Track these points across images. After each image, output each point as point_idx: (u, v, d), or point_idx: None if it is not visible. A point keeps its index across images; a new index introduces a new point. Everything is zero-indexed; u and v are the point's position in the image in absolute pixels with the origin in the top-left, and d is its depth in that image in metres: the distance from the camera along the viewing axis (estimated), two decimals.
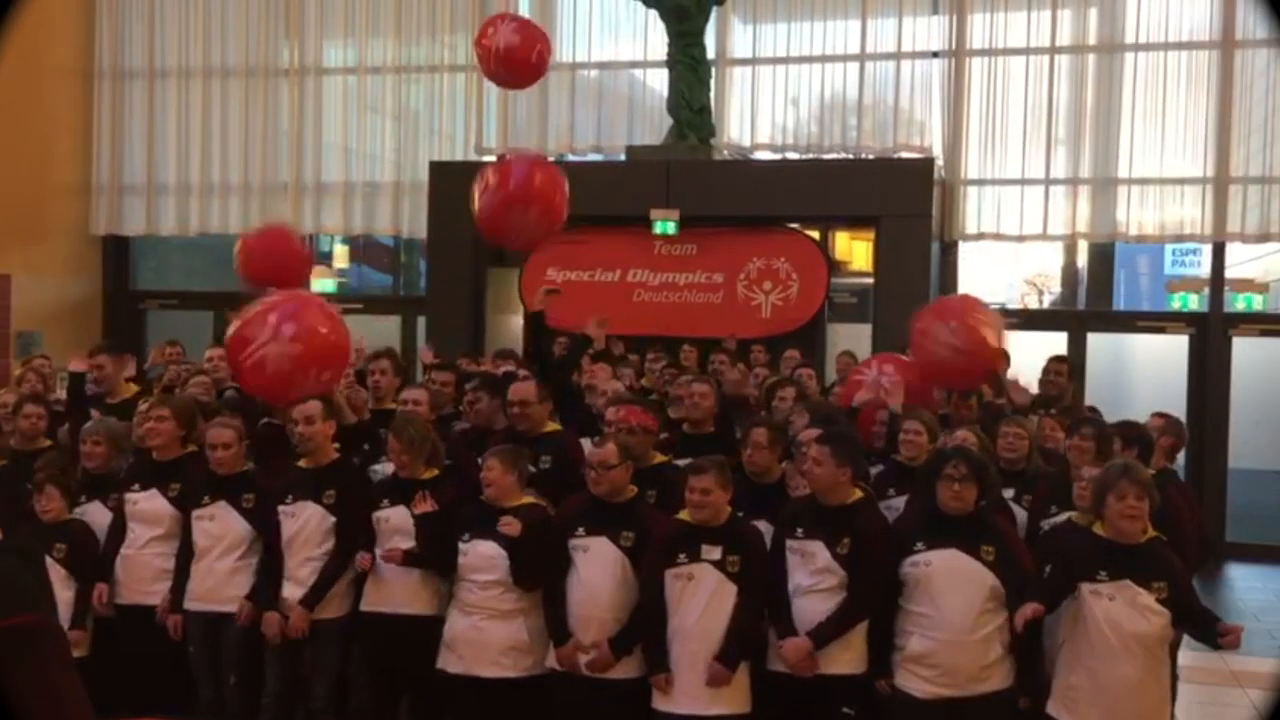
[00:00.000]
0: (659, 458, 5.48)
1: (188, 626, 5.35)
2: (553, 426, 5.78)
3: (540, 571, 4.83)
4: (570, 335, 7.08)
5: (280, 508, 5.27)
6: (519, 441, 5.37)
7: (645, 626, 4.66)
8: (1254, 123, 10.85)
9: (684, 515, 4.71)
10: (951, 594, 4.48)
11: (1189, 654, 5.59)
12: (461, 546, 4.93)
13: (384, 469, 5.57)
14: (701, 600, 4.56)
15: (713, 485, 4.62)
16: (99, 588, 5.36)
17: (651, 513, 4.94)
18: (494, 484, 4.93)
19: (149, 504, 5.49)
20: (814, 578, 4.62)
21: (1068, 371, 7.46)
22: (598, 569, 4.75)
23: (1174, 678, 5.42)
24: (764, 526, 4.87)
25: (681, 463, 5.34)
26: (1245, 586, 10.06)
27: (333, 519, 5.21)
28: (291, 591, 5.19)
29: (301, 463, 5.40)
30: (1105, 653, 4.26)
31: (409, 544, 5.07)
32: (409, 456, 5.19)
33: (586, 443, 5.39)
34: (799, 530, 4.69)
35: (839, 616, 4.57)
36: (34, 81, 12.39)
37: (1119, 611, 4.25)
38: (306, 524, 5.22)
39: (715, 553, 4.58)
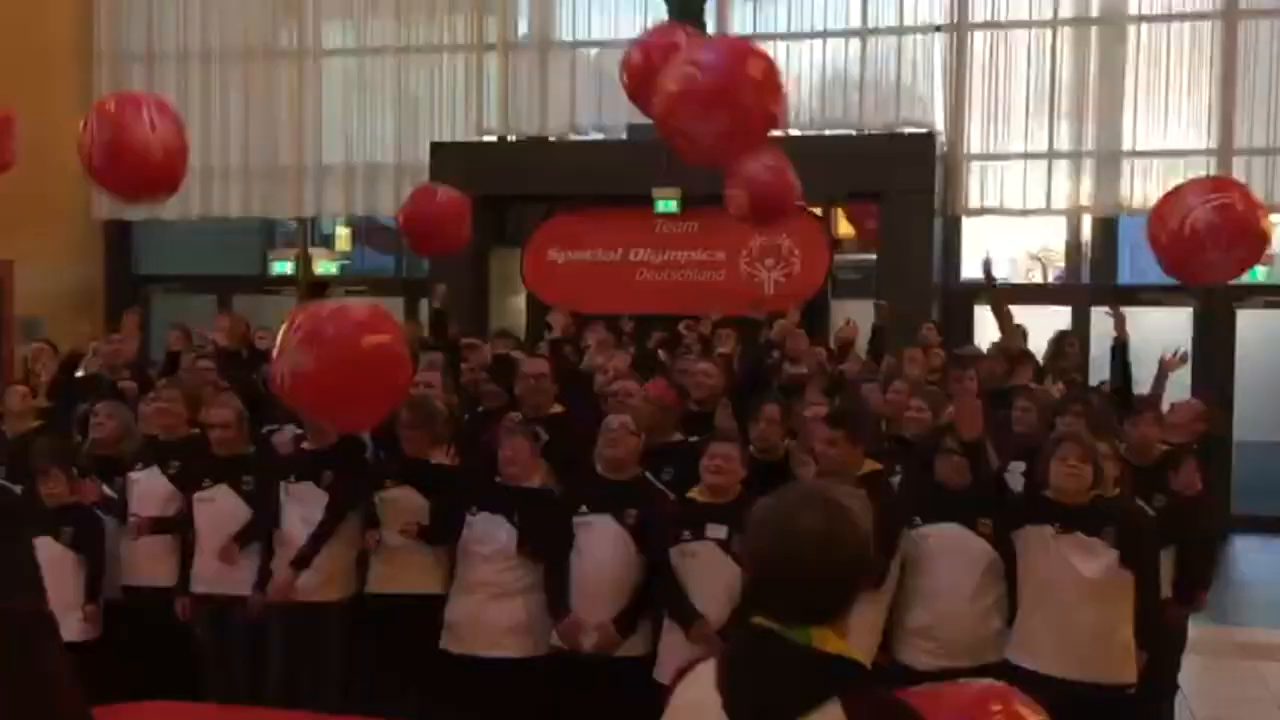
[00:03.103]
0: (677, 435, 5.45)
1: (194, 609, 5.37)
2: (557, 408, 5.77)
3: (546, 547, 4.84)
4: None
5: (284, 484, 5.25)
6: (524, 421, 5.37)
7: (666, 593, 4.64)
8: (1258, 94, 10.78)
9: (693, 493, 4.71)
10: (949, 567, 4.51)
11: (1193, 628, 5.59)
12: (467, 518, 4.94)
13: None
14: (702, 578, 4.55)
15: (734, 453, 4.62)
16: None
17: (655, 491, 4.93)
18: (520, 464, 4.93)
19: (148, 482, 5.49)
20: None
21: (1079, 346, 7.56)
22: (601, 546, 4.74)
23: (1179, 651, 5.44)
24: None
25: (693, 439, 5.35)
26: (1251, 559, 10.07)
27: (326, 498, 5.20)
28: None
29: (305, 445, 5.39)
30: (1060, 597, 4.32)
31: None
32: (421, 432, 5.18)
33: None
34: None
35: None
36: (33, 65, 12.34)
37: (1072, 558, 4.32)
38: (308, 506, 5.20)
39: (720, 531, 4.56)
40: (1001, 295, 7.41)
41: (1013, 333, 7.19)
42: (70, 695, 1.08)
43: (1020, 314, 7.50)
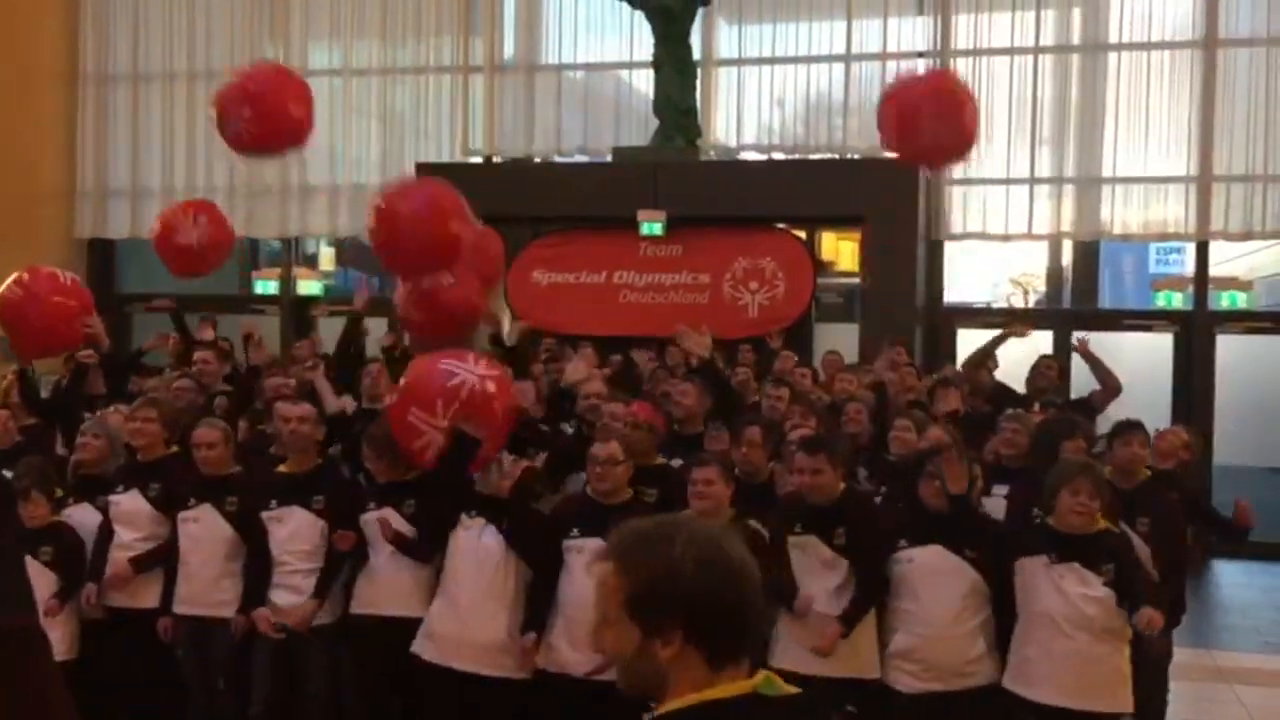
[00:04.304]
0: (661, 459, 5.45)
1: (177, 630, 5.33)
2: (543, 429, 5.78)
3: (535, 555, 4.83)
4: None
5: (264, 514, 5.23)
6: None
7: None
8: (1237, 120, 10.89)
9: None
10: (934, 590, 4.52)
11: (1175, 650, 5.61)
12: (462, 522, 4.93)
13: None
14: None
15: (715, 477, 4.63)
16: (88, 588, 5.32)
17: (647, 515, 4.91)
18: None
19: (129, 504, 5.45)
20: (820, 571, 4.62)
21: (1058, 369, 7.64)
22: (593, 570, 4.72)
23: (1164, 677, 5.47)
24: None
25: (676, 463, 5.35)
26: (1230, 583, 10.11)
27: (322, 524, 5.18)
28: (285, 599, 5.15)
29: (283, 467, 5.37)
30: (1055, 626, 4.33)
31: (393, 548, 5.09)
32: (384, 464, 5.19)
33: None
34: (797, 526, 4.70)
35: (859, 599, 4.59)
36: (18, 86, 12.33)
37: (1068, 589, 4.33)
38: (296, 530, 5.18)
39: None
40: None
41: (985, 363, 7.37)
42: (65, 711, 1.08)
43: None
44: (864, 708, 4.64)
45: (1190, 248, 11.37)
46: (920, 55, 11.53)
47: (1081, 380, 9.88)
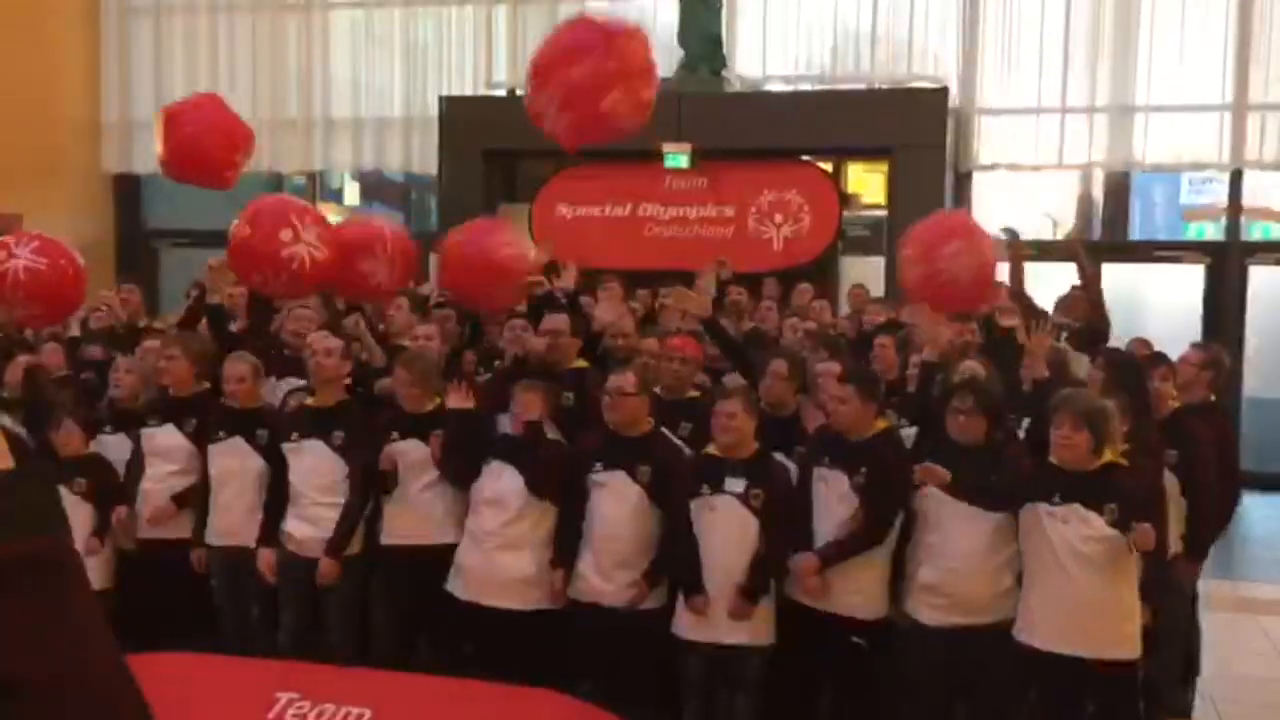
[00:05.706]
0: (695, 392, 5.43)
1: (210, 560, 5.42)
2: (580, 363, 5.75)
3: (557, 492, 4.87)
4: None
5: (285, 445, 5.26)
6: (543, 375, 5.36)
7: (677, 553, 4.69)
8: (1273, 47, 10.68)
9: (711, 448, 4.73)
10: (960, 524, 4.50)
11: (1200, 583, 5.62)
12: (484, 468, 4.96)
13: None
14: (722, 532, 4.59)
15: (738, 409, 4.63)
16: (118, 510, 5.38)
17: (669, 446, 4.94)
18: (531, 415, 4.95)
19: (165, 439, 5.52)
20: (834, 506, 4.64)
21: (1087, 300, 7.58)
22: (616, 504, 4.75)
23: (1193, 612, 5.49)
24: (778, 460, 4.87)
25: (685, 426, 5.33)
26: (1258, 515, 10.07)
27: (340, 460, 5.19)
28: (301, 530, 5.17)
29: (310, 400, 5.41)
30: (1058, 573, 4.29)
31: (426, 478, 5.14)
32: (419, 389, 5.20)
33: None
34: (825, 459, 4.71)
35: (847, 540, 4.60)
36: (40, 19, 12.29)
37: (1070, 533, 4.27)
38: (314, 464, 5.20)
39: (738, 485, 4.59)
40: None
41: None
42: (104, 636, 1.08)
43: (1031, 269, 7.50)
44: (882, 641, 4.67)
45: (1224, 177, 11.20)
46: None
47: (1113, 313, 9.82)
